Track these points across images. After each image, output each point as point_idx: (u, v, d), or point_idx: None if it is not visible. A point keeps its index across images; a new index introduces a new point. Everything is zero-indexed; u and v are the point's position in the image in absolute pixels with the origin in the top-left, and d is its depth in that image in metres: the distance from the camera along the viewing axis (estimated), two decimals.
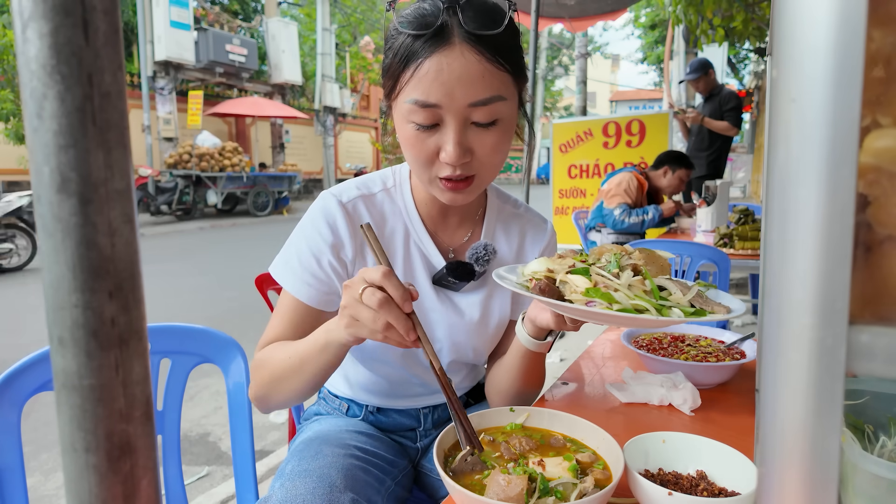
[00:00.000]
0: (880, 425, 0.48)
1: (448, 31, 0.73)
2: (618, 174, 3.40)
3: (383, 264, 0.73)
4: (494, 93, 0.75)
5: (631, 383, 0.97)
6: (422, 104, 0.74)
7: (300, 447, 0.89)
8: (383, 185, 0.94)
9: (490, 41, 0.73)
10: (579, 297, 0.67)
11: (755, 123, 13.14)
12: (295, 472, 0.80)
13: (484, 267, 0.91)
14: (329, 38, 15.66)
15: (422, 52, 0.73)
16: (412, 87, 0.74)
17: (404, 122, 0.77)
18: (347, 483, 0.78)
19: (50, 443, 2.32)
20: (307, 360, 0.79)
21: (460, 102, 0.74)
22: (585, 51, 5.56)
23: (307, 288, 0.87)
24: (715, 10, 4.77)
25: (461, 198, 0.83)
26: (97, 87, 0.24)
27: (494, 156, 0.80)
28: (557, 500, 0.58)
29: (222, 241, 8.56)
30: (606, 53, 37.91)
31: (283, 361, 0.82)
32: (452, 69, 0.72)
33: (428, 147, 0.77)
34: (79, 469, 0.26)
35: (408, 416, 1.04)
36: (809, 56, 0.26)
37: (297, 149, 16.78)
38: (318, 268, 0.87)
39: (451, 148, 0.75)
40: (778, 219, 0.28)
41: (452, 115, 0.74)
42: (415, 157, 0.79)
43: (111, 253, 0.25)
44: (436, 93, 0.73)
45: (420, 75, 0.73)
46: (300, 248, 0.88)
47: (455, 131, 0.75)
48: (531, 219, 1.04)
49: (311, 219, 0.89)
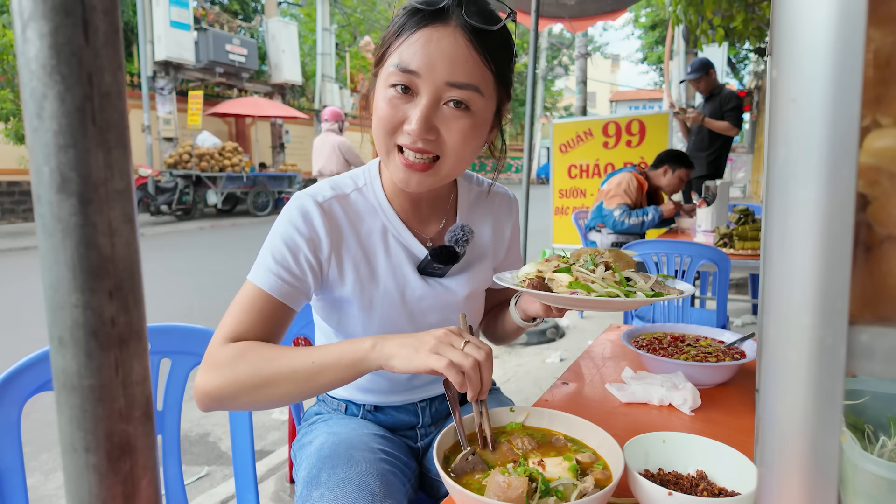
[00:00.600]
0: (880, 425, 0.48)
1: (447, 13, 0.77)
2: (617, 174, 3.39)
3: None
4: (474, 81, 0.78)
5: (631, 383, 0.97)
6: (402, 68, 0.77)
7: (327, 452, 0.89)
8: (355, 185, 0.95)
9: (483, 36, 0.77)
10: (564, 289, 0.82)
11: (755, 123, 13.14)
12: (332, 480, 0.81)
13: (464, 248, 0.94)
14: (329, 38, 15.66)
15: (417, 24, 0.77)
16: (398, 52, 0.77)
17: (383, 87, 0.80)
18: (385, 489, 0.81)
19: (50, 443, 2.32)
20: (324, 371, 0.75)
21: (439, 77, 0.76)
22: (585, 51, 5.56)
23: (278, 282, 0.84)
24: (715, 10, 4.77)
25: (416, 179, 0.82)
26: (97, 87, 0.24)
27: (459, 142, 0.80)
28: (558, 500, 0.58)
29: (222, 241, 8.56)
30: (606, 53, 37.91)
31: (286, 367, 0.77)
32: (441, 44, 0.76)
33: (396, 114, 0.79)
34: (79, 469, 0.26)
35: (406, 413, 1.04)
36: (809, 56, 0.26)
37: (297, 149, 16.77)
38: (294, 262, 0.85)
39: (417, 119, 0.77)
40: (778, 219, 0.28)
41: (428, 87, 0.77)
42: (382, 122, 0.80)
43: (111, 253, 0.25)
44: (418, 60, 0.76)
45: (409, 42, 0.77)
46: (275, 244, 0.86)
47: (425, 105, 0.77)
48: (496, 194, 1.08)
49: (288, 217, 0.87)
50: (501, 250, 1.07)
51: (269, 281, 0.84)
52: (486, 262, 1.03)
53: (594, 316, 4.12)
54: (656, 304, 2.35)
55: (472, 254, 1.00)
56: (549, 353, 3.33)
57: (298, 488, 0.89)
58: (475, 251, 1.01)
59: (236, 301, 0.85)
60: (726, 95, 4.49)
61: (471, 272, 0.99)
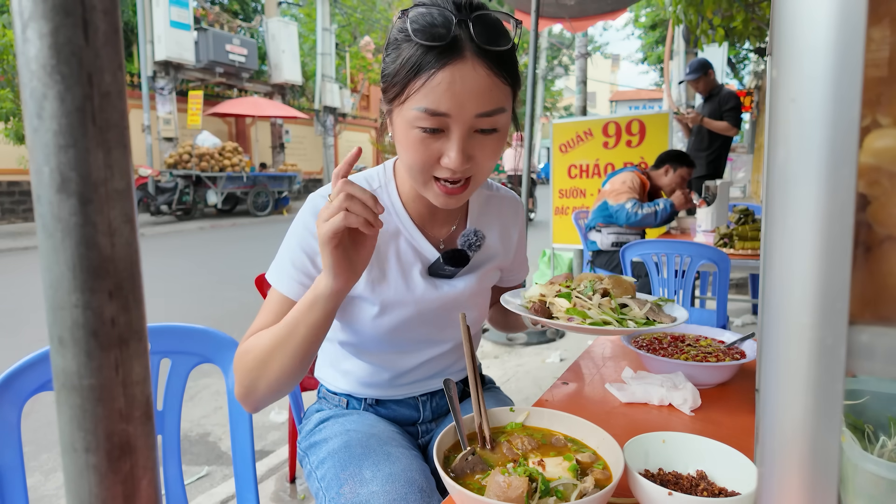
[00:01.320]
0: (880, 425, 0.48)
1: (460, 44, 0.75)
2: (620, 173, 3.39)
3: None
4: (499, 105, 0.79)
5: (631, 383, 0.97)
6: (432, 112, 0.76)
7: (359, 450, 0.89)
8: (369, 187, 0.96)
9: (497, 55, 0.77)
10: (562, 314, 0.92)
11: (755, 123, 13.14)
12: (379, 476, 0.82)
13: (475, 252, 0.97)
14: (329, 38, 15.65)
15: (434, 64, 0.75)
16: (422, 95, 0.76)
17: (409, 128, 0.79)
18: (429, 484, 0.84)
19: (50, 443, 2.32)
20: (296, 324, 0.79)
21: (468, 113, 0.77)
22: (585, 51, 5.55)
23: (300, 287, 0.88)
24: (715, 10, 4.76)
25: (454, 201, 0.86)
26: (97, 87, 0.24)
27: (490, 161, 0.84)
28: (558, 500, 0.58)
29: (222, 241, 8.56)
30: (606, 53, 37.88)
31: (271, 338, 0.81)
32: (465, 82, 0.75)
33: (431, 152, 0.80)
34: (79, 469, 0.26)
35: (407, 406, 1.05)
36: (809, 56, 0.26)
37: (297, 149, 16.77)
38: (312, 267, 0.89)
39: (455, 154, 0.78)
40: (778, 219, 0.28)
41: (460, 124, 0.77)
42: (416, 161, 0.81)
43: (111, 253, 0.25)
44: (447, 103, 0.75)
45: (432, 85, 0.75)
46: (293, 250, 0.90)
47: (460, 139, 0.78)
48: (504, 197, 1.10)
49: (303, 221, 0.91)
50: (509, 253, 1.09)
51: (290, 287, 0.88)
52: (493, 264, 1.05)
53: None
54: None
55: (480, 255, 1.02)
56: (549, 353, 3.33)
57: (322, 485, 0.88)
58: (483, 253, 1.03)
59: (263, 306, 0.91)
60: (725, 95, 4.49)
61: (478, 273, 1.01)
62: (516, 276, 1.17)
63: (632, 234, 3.37)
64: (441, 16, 0.76)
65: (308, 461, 0.97)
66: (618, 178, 3.34)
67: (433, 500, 0.81)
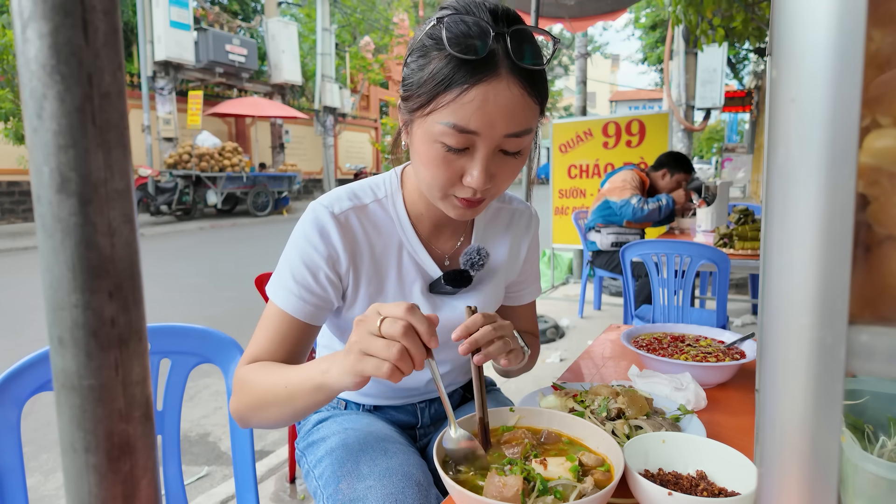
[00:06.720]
0: (880, 425, 0.48)
1: (496, 59, 0.70)
2: (620, 172, 3.39)
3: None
4: (528, 126, 0.75)
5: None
6: (461, 129, 0.72)
7: (357, 446, 0.89)
8: (374, 196, 0.92)
9: (532, 75, 0.72)
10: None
11: (755, 123, 13.15)
12: (376, 472, 0.81)
13: (479, 270, 0.92)
14: (329, 38, 15.65)
15: (468, 79, 0.70)
16: (451, 111, 0.71)
17: (431, 141, 0.75)
18: (426, 479, 0.83)
19: (50, 443, 2.32)
20: (296, 396, 0.76)
21: (498, 133, 0.73)
22: (585, 51, 5.55)
23: (301, 304, 0.84)
24: (715, 10, 4.76)
25: (471, 213, 0.83)
26: (97, 87, 0.24)
27: (510, 181, 0.81)
28: (556, 499, 0.58)
29: (222, 241, 8.56)
30: (606, 53, 37.90)
31: (270, 390, 0.78)
32: (498, 101, 0.70)
33: (453, 169, 0.76)
34: (79, 469, 0.26)
35: (405, 413, 1.04)
36: (809, 56, 0.26)
37: (297, 149, 16.77)
38: (314, 282, 0.85)
39: (479, 174, 0.74)
40: (778, 219, 0.28)
41: (487, 143, 0.73)
42: (436, 177, 0.77)
43: (111, 253, 0.25)
44: (477, 121, 0.71)
45: (463, 101, 0.70)
46: (294, 262, 0.86)
47: (485, 158, 0.74)
48: (516, 210, 1.04)
49: (304, 232, 0.86)
50: (516, 269, 1.05)
51: (292, 303, 0.84)
52: (497, 280, 1.00)
53: (594, 316, 4.12)
54: (656, 305, 2.35)
55: (485, 272, 0.98)
56: (549, 353, 3.33)
57: (320, 483, 0.88)
58: (488, 270, 0.98)
59: (261, 321, 0.87)
60: None
61: (481, 291, 0.97)
62: (525, 294, 1.10)
63: (631, 234, 3.37)
64: (477, 27, 0.70)
65: (306, 460, 0.97)
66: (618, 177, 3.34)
67: (430, 494, 0.80)
